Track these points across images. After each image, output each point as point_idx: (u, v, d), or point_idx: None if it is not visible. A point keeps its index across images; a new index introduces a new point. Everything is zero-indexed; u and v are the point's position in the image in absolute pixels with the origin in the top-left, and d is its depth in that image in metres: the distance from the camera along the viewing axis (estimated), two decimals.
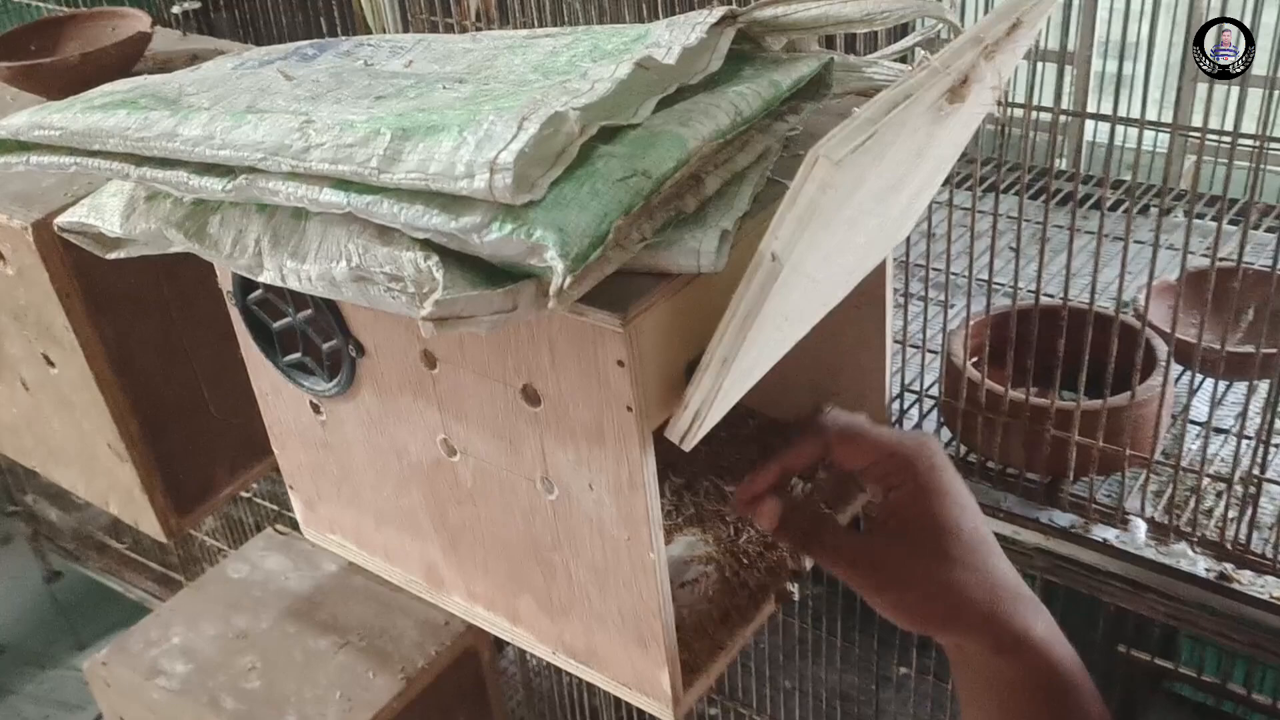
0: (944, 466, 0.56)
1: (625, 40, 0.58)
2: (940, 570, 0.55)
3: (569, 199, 0.46)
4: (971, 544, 0.55)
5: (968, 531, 0.56)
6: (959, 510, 0.56)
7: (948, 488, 0.56)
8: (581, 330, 0.51)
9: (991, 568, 0.55)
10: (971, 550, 0.55)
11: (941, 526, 0.55)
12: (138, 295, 0.82)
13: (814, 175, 0.42)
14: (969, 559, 0.55)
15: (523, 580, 0.65)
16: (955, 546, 0.55)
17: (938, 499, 0.56)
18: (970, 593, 0.54)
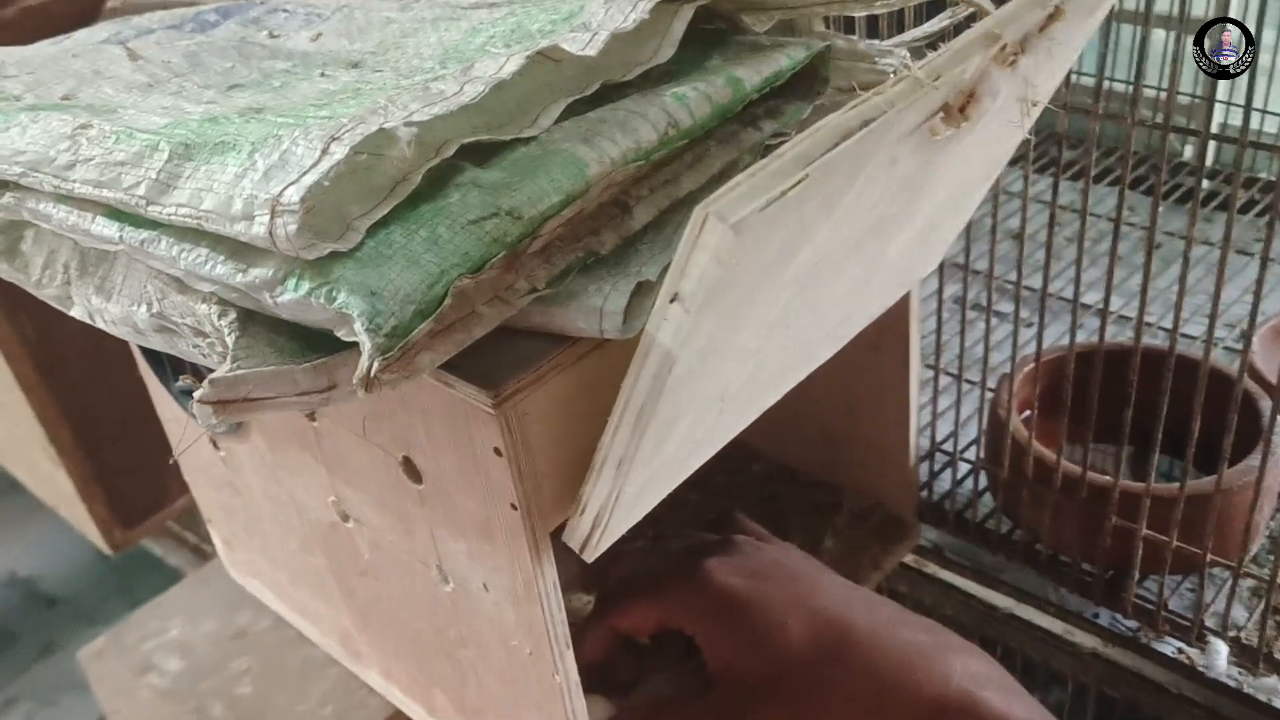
0: (733, 586, 0.51)
1: (555, 18, 0.45)
2: (793, 697, 0.49)
3: (395, 249, 0.34)
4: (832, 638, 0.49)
5: (802, 633, 0.50)
6: (779, 617, 0.50)
7: (748, 604, 0.50)
8: (452, 404, 0.39)
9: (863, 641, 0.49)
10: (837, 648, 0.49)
11: (767, 648, 0.50)
12: None
13: (704, 243, 0.28)
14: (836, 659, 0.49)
15: (434, 674, 0.54)
16: (794, 661, 0.49)
17: (742, 623, 0.50)
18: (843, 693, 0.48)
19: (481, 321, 0.37)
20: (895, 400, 0.62)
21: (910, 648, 0.49)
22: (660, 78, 0.44)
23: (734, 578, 0.51)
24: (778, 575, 0.52)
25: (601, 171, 0.37)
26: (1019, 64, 0.35)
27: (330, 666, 1.19)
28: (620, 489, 0.38)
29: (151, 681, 1.17)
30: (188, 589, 1.32)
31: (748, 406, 0.44)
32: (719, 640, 0.50)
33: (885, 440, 0.64)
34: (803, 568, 0.53)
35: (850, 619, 0.50)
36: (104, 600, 2.05)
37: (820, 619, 0.50)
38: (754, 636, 0.50)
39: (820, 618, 0.50)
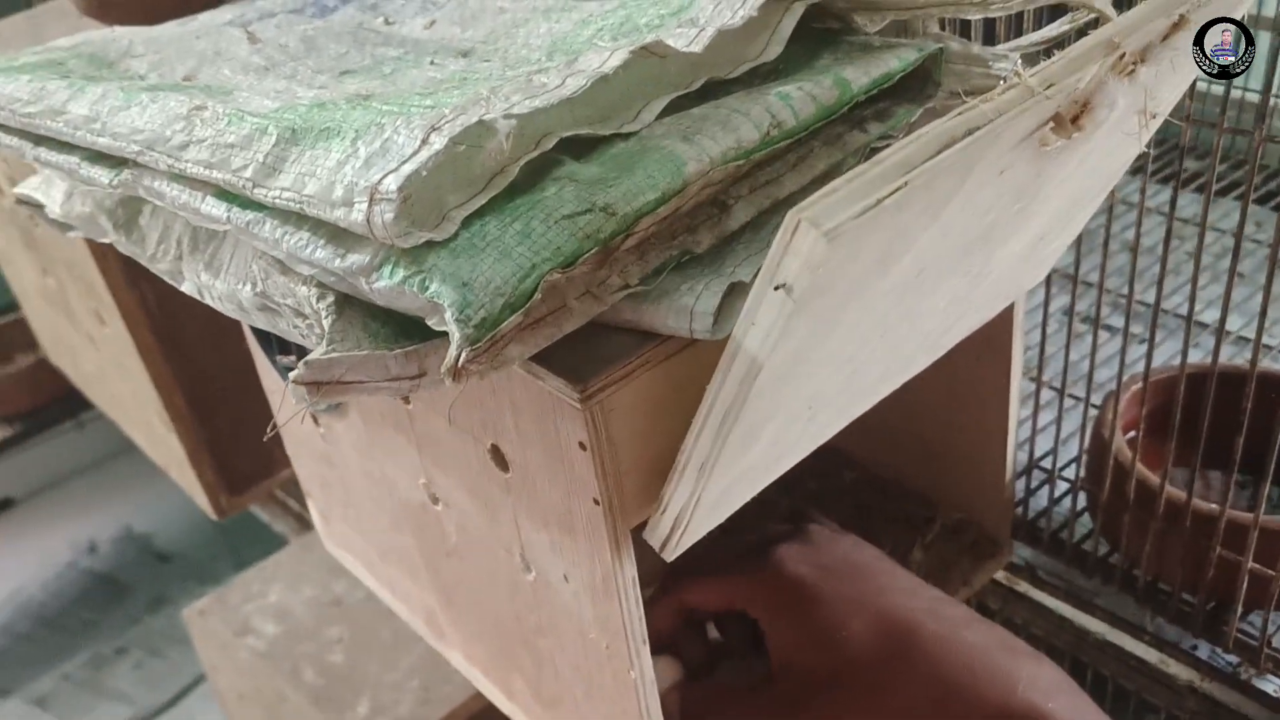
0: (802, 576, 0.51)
1: (664, 12, 0.45)
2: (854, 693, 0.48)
3: (488, 240, 0.34)
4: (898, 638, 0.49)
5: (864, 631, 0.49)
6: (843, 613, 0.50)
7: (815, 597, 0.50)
8: (540, 396, 0.39)
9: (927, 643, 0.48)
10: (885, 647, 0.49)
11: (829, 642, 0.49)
12: None
13: (795, 248, 0.28)
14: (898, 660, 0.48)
15: (513, 659, 0.55)
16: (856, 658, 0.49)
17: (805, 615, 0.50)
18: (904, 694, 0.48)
19: (572, 316, 0.37)
20: (995, 413, 0.60)
21: (977, 652, 0.48)
22: (766, 76, 0.44)
23: (802, 568, 0.51)
24: (846, 571, 0.51)
25: (699, 169, 0.37)
26: (1139, 74, 0.34)
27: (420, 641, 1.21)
28: (702, 492, 0.38)
29: (250, 643, 1.21)
30: (289, 556, 1.36)
31: (839, 413, 0.44)
32: (782, 631, 0.50)
33: (982, 454, 0.62)
34: (873, 565, 0.53)
35: (916, 620, 0.49)
36: (213, 560, 2.12)
37: (886, 618, 0.49)
38: (817, 631, 0.50)
39: (886, 617, 0.49)
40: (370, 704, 1.12)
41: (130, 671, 1.92)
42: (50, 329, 0.97)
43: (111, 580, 2.11)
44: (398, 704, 1.12)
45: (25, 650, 1.98)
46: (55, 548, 2.16)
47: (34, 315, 1.01)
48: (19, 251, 0.89)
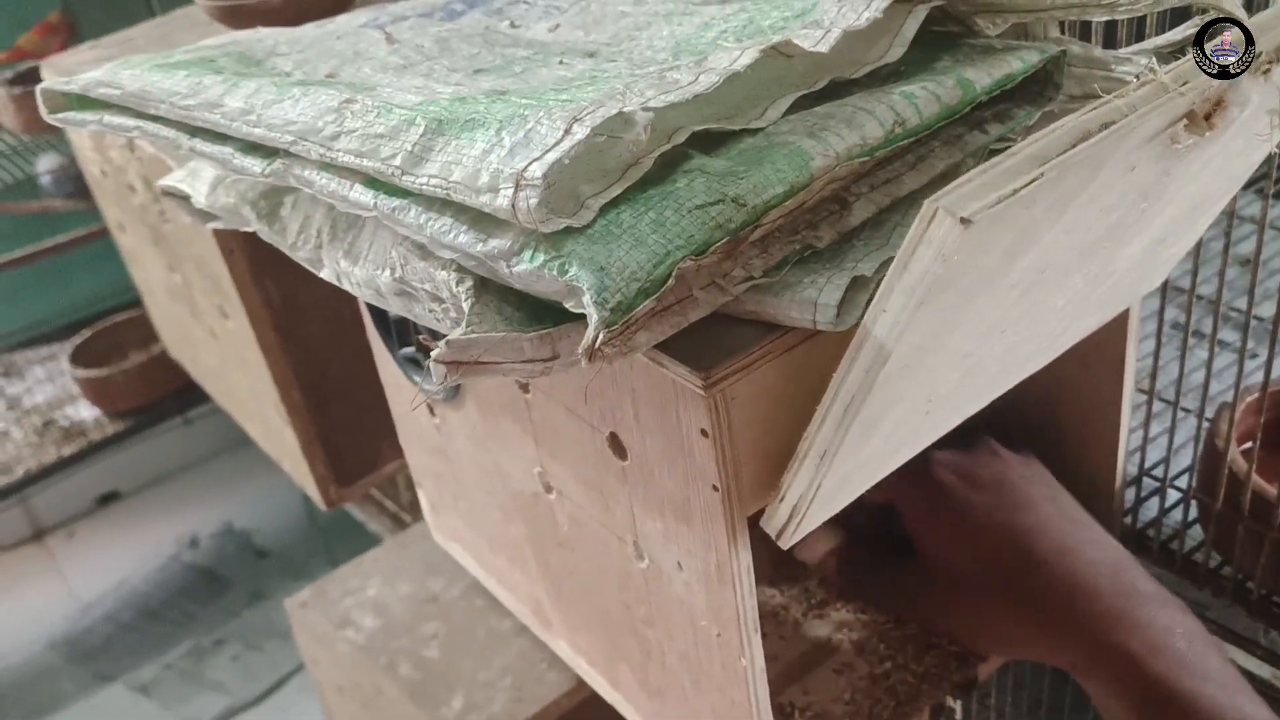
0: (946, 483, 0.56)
1: (787, 15, 0.46)
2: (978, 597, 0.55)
3: (624, 228, 0.35)
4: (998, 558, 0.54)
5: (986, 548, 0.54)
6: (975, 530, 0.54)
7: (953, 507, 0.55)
8: (662, 384, 0.40)
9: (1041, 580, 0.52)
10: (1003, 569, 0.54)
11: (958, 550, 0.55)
12: None
13: (930, 237, 0.29)
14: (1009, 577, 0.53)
15: (620, 648, 0.56)
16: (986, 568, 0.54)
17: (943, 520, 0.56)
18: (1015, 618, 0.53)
19: (697, 306, 0.38)
20: (1105, 421, 0.60)
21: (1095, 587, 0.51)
22: (887, 78, 0.44)
23: (950, 476, 0.56)
24: (994, 490, 0.56)
25: (825, 165, 0.38)
26: (1273, 73, 0.34)
27: (514, 639, 1.23)
28: (821, 481, 0.39)
29: (348, 635, 1.24)
30: (387, 552, 1.40)
31: (953, 411, 0.44)
32: (925, 525, 0.56)
33: (1090, 461, 0.62)
34: (1028, 492, 0.56)
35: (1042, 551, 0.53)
36: (309, 557, 2.18)
37: (1019, 543, 0.53)
38: (954, 535, 0.55)
39: (1020, 542, 0.54)
40: (464, 700, 1.14)
41: (228, 663, 1.98)
42: (173, 324, 1.02)
43: (212, 574, 2.17)
44: (491, 701, 1.13)
45: (129, 639, 2.05)
46: (159, 541, 2.24)
47: (157, 310, 1.05)
48: (147, 249, 0.93)
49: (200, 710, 1.89)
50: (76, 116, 0.49)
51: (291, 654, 1.99)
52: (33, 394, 1.91)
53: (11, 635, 2.05)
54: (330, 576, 1.34)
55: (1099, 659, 0.50)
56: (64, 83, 0.48)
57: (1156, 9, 0.41)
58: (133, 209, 0.89)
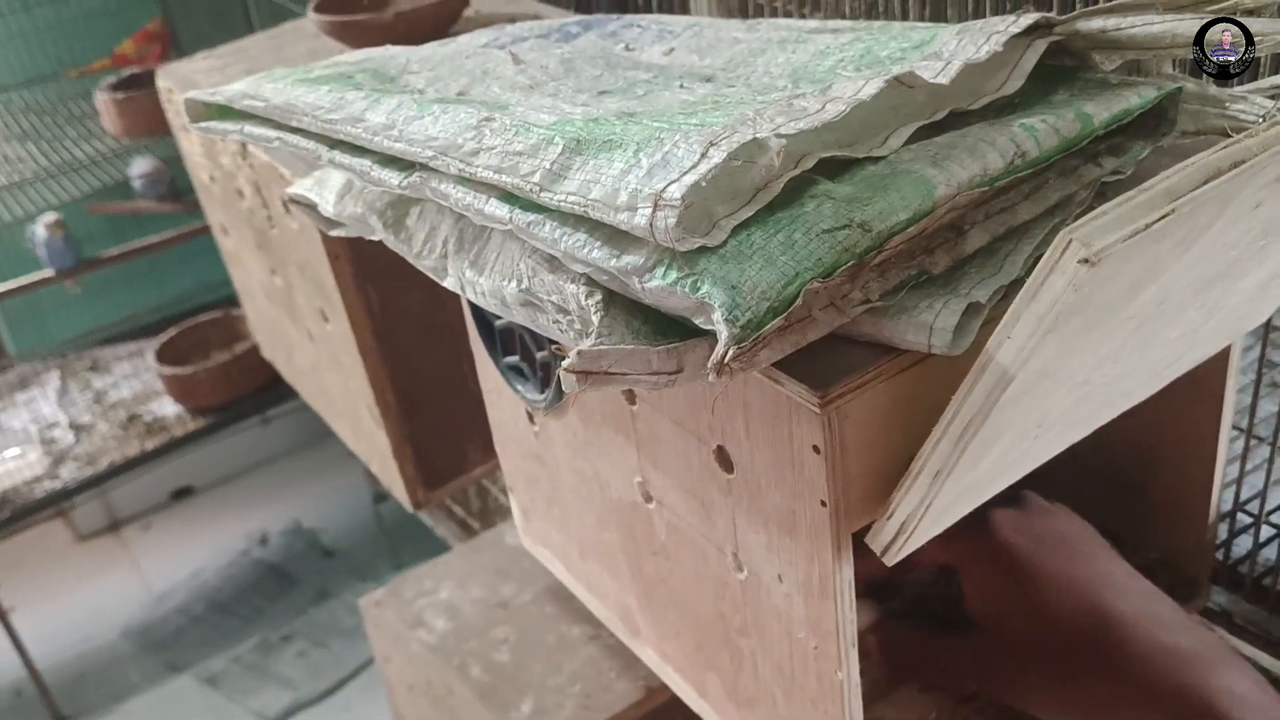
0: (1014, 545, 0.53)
1: (905, 46, 0.47)
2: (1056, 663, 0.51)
3: (755, 249, 0.36)
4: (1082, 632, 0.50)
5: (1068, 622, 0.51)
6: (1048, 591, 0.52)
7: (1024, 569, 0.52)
8: (776, 400, 0.42)
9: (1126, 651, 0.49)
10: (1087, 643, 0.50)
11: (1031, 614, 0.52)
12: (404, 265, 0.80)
13: (1062, 267, 0.30)
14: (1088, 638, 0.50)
15: (710, 657, 0.57)
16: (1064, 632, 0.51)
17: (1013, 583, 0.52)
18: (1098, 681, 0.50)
19: (816, 326, 0.39)
20: (1200, 455, 0.60)
21: (1175, 653, 0.49)
22: (1003, 109, 0.45)
23: (1017, 537, 0.53)
24: (1059, 546, 0.53)
25: (948, 193, 0.39)
26: None
27: (583, 647, 1.25)
28: (932, 499, 0.40)
29: (421, 636, 1.27)
30: (458, 557, 1.42)
31: (1060, 437, 0.45)
32: (991, 590, 0.53)
33: (1184, 495, 0.62)
34: (1085, 545, 0.54)
35: (1119, 610, 0.51)
36: (375, 558, 2.22)
37: (1092, 604, 0.51)
38: (1023, 600, 0.52)
39: (1093, 603, 0.51)
40: (533, 704, 1.16)
41: (295, 659, 2.02)
42: (269, 325, 1.05)
43: (280, 571, 2.22)
44: (560, 707, 1.15)
45: (199, 631, 2.09)
46: (231, 536, 2.29)
47: (254, 312, 1.09)
48: (250, 252, 0.96)
49: (266, 704, 1.93)
50: (219, 126, 0.51)
51: (355, 652, 2.03)
52: (119, 389, 1.97)
53: (87, 623, 2.11)
54: (404, 577, 1.37)
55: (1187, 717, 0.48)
56: (209, 94, 0.51)
57: (1276, 50, 0.42)
58: (239, 213, 0.92)
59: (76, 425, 1.91)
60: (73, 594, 2.16)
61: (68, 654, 2.05)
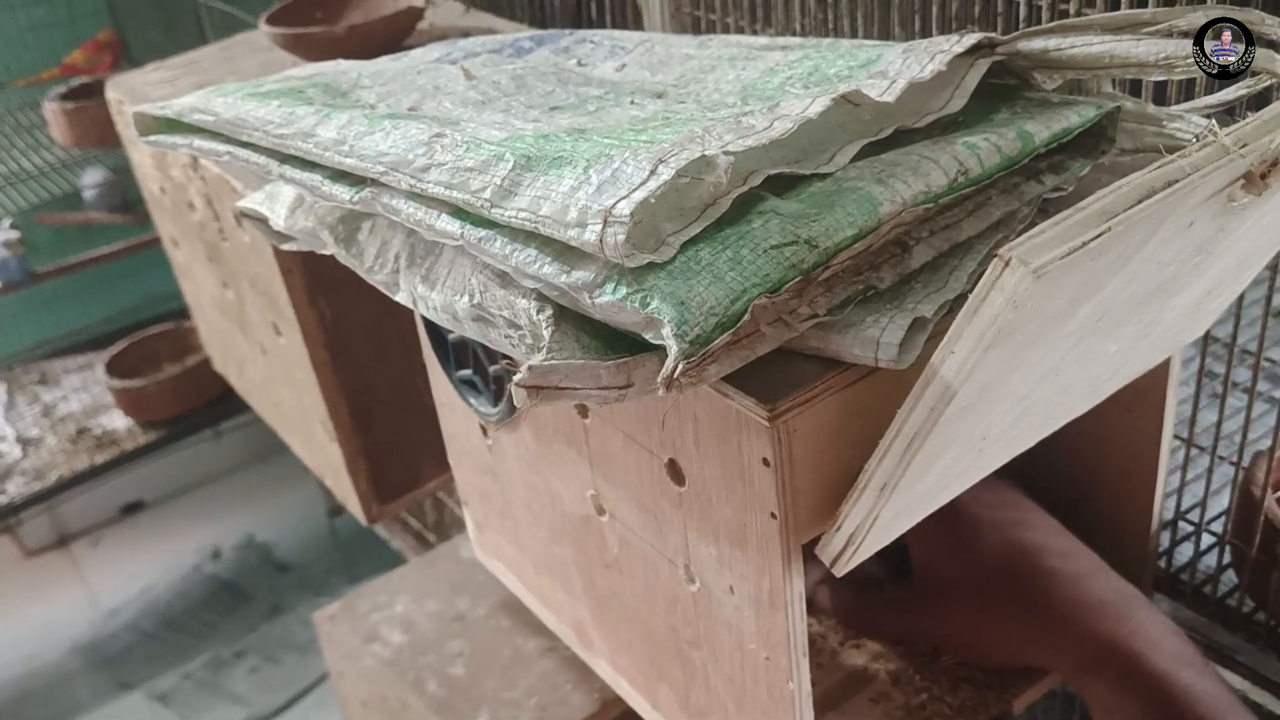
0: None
1: (852, 64, 0.48)
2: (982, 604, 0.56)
3: (703, 265, 0.37)
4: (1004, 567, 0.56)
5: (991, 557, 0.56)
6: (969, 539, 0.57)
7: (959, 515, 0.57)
8: (726, 414, 0.42)
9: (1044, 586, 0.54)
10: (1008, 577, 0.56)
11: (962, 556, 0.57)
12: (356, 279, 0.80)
13: (1003, 284, 0.31)
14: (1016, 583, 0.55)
15: (662, 669, 0.57)
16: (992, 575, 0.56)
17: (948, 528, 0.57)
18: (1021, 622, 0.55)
19: (764, 341, 0.40)
20: (1143, 466, 0.61)
21: (1095, 597, 0.54)
22: (947, 127, 0.46)
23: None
24: (989, 499, 0.58)
25: (893, 210, 0.40)
26: None
27: (539, 660, 1.25)
28: (879, 511, 0.40)
29: (375, 650, 1.26)
30: (415, 570, 1.41)
31: (1003, 450, 0.46)
32: (926, 540, 0.58)
33: (1127, 504, 0.63)
34: (1014, 498, 0.59)
35: (1045, 551, 0.56)
36: (329, 573, 2.20)
37: (1016, 544, 0.56)
38: (955, 543, 0.57)
39: (1016, 543, 0.56)
40: (489, 718, 1.16)
41: (247, 675, 1.99)
42: (221, 338, 1.04)
43: (233, 586, 2.19)
44: None
45: (150, 648, 2.06)
46: (182, 551, 2.26)
47: (205, 325, 1.08)
48: (201, 265, 0.95)
49: None
50: (168, 139, 0.51)
51: (309, 668, 2.00)
52: (68, 402, 1.94)
53: (34, 640, 2.08)
54: (358, 591, 1.36)
55: (1107, 657, 0.52)
56: (158, 107, 0.51)
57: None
58: (190, 226, 0.92)
59: (24, 439, 1.88)
60: (20, 611, 2.12)
61: (15, 671, 2.01)
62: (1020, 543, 0.56)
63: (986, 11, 0.61)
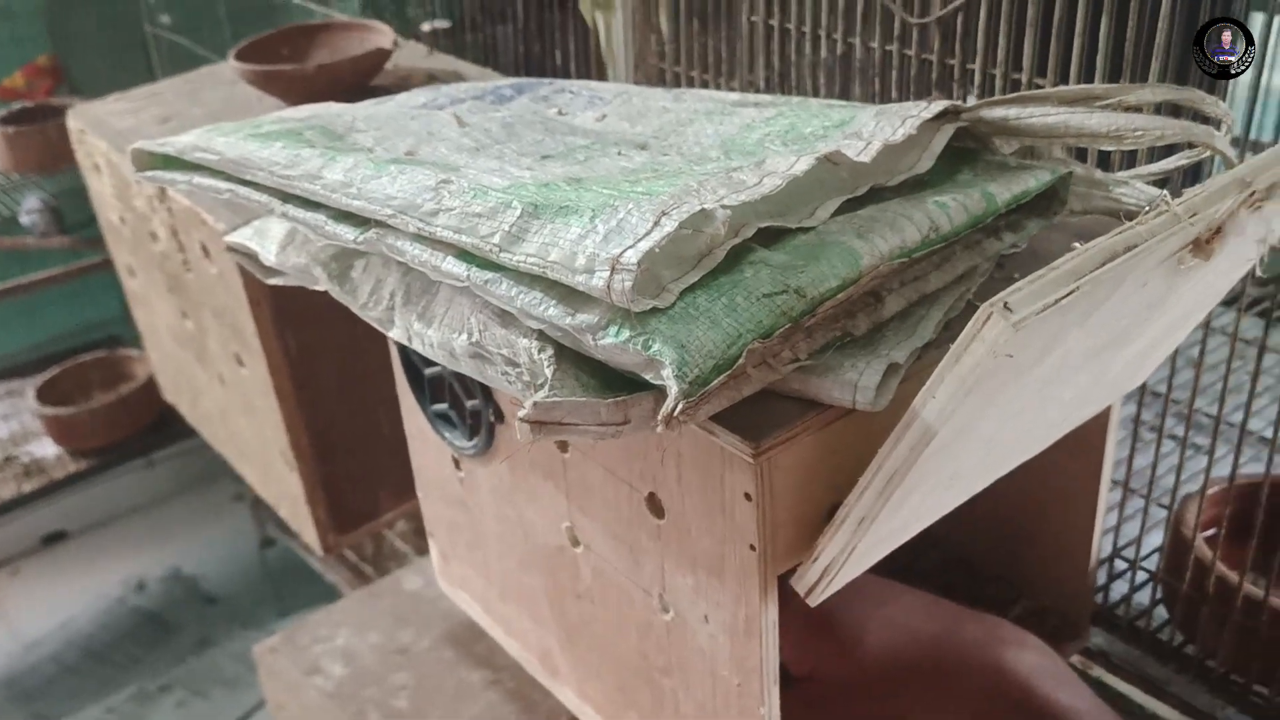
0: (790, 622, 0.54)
1: (827, 124, 0.51)
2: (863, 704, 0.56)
3: (700, 311, 0.40)
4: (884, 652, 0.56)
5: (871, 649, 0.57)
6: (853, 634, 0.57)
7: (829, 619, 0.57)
8: (710, 451, 0.45)
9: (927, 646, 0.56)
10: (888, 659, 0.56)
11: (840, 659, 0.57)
12: (323, 313, 0.81)
13: (984, 335, 0.34)
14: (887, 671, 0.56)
15: (631, 696, 0.59)
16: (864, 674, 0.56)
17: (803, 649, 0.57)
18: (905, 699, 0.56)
19: (750, 382, 0.42)
20: (1082, 506, 0.65)
21: (969, 646, 0.56)
22: (916, 185, 0.50)
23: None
24: (861, 592, 0.58)
25: (872, 263, 0.43)
26: (1264, 208, 0.40)
27: (483, 692, 1.25)
28: (856, 544, 0.43)
29: (317, 683, 1.25)
30: (357, 601, 1.41)
31: (966, 487, 0.49)
32: (805, 647, 0.58)
33: (1067, 543, 0.67)
34: (881, 585, 0.60)
35: (917, 626, 0.57)
36: (259, 605, 2.16)
37: (892, 628, 0.57)
38: (837, 646, 0.57)
39: (891, 627, 0.57)
40: None
41: (173, 709, 1.95)
42: (175, 368, 1.04)
43: (158, 619, 2.15)
44: None
45: (72, 682, 2.01)
46: (106, 583, 2.21)
47: (158, 354, 1.08)
48: (159, 294, 0.96)
49: None
50: (165, 175, 0.53)
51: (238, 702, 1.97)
52: None
53: None
54: (299, 623, 1.35)
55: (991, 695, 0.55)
56: (158, 144, 0.52)
57: (1157, 143, 0.47)
58: (151, 256, 0.92)
59: None
60: None
61: None
62: (897, 629, 0.57)
63: (943, 78, 0.65)
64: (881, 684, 0.56)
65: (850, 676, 0.57)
